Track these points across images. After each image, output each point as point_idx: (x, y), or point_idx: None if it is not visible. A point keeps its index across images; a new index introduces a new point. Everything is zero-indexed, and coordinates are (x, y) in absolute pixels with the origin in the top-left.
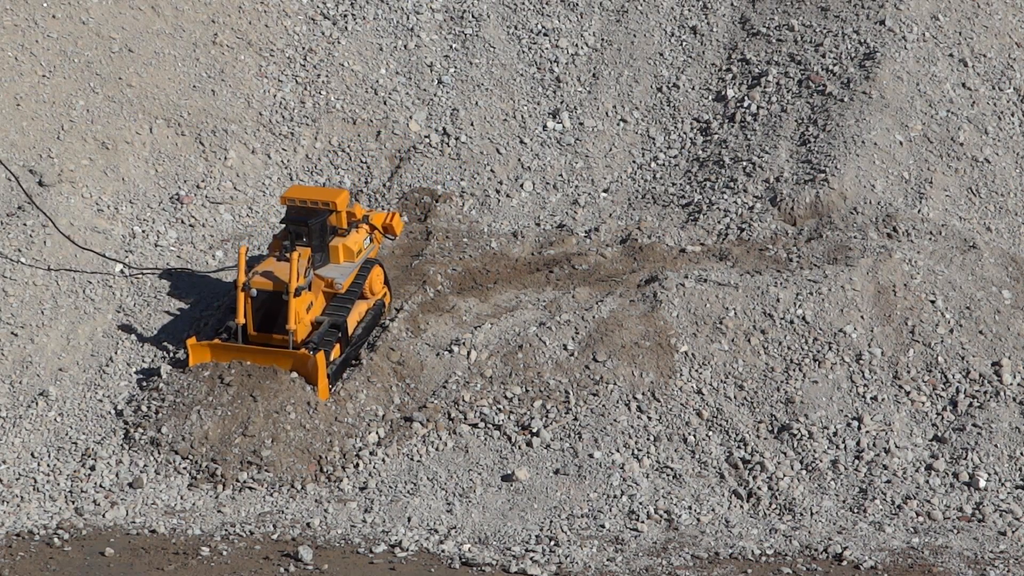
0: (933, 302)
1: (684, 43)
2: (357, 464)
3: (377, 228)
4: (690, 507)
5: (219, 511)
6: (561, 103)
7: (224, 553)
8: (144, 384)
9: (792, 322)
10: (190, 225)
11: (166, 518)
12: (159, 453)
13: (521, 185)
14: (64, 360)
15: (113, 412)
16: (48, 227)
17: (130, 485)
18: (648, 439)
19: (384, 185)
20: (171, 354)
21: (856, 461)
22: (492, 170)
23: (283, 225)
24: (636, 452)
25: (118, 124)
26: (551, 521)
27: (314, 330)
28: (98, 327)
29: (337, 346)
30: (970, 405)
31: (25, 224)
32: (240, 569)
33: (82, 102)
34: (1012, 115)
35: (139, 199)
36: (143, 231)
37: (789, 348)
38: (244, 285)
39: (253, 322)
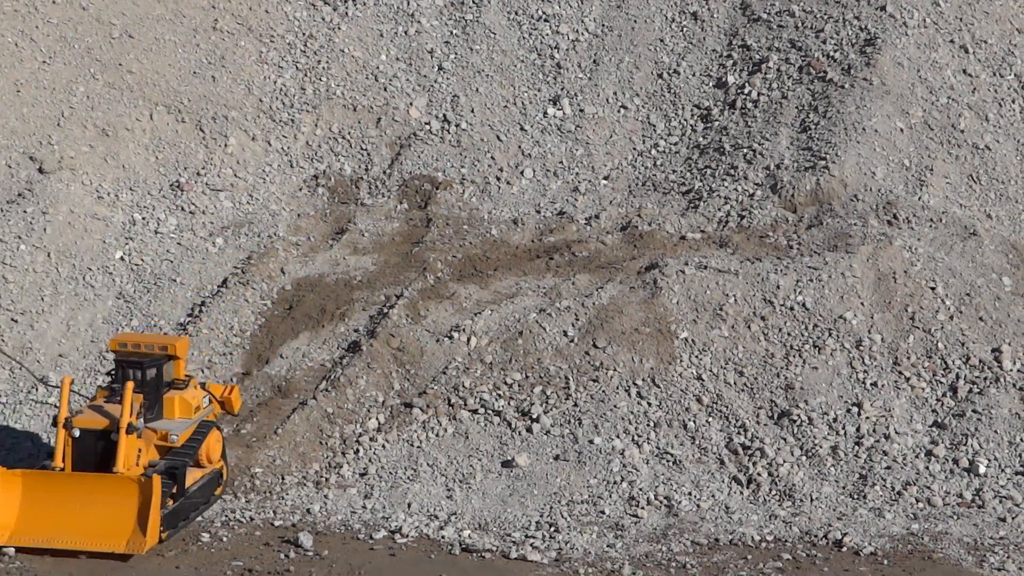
0: (933, 289)
1: (685, 29)
2: (357, 450)
3: (215, 397)
4: (690, 493)
5: (219, 497)
6: (562, 89)
7: (224, 539)
8: None
9: (792, 309)
10: (190, 212)
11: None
12: None
13: (521, 172)
14: (64, 346)
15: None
16: (48, 214)
17: None
18: (648, 425)
19: (384, 172)
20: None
21: (856, 447)
22: (492, 157)
23: (109, 377)
24: (636, 438)
25: (118, 111)
26: (551, 507)
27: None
28: (98, 314)
29: (170, 500)
30: (970, 391)
31: (25, 211)
32: (240, 555)
33: (82, 88)
34: (1013, 102)
35: (139, 186)
36: (143, 218)
37: (789, 334)
38: (65, 422)
39: (77, 469)
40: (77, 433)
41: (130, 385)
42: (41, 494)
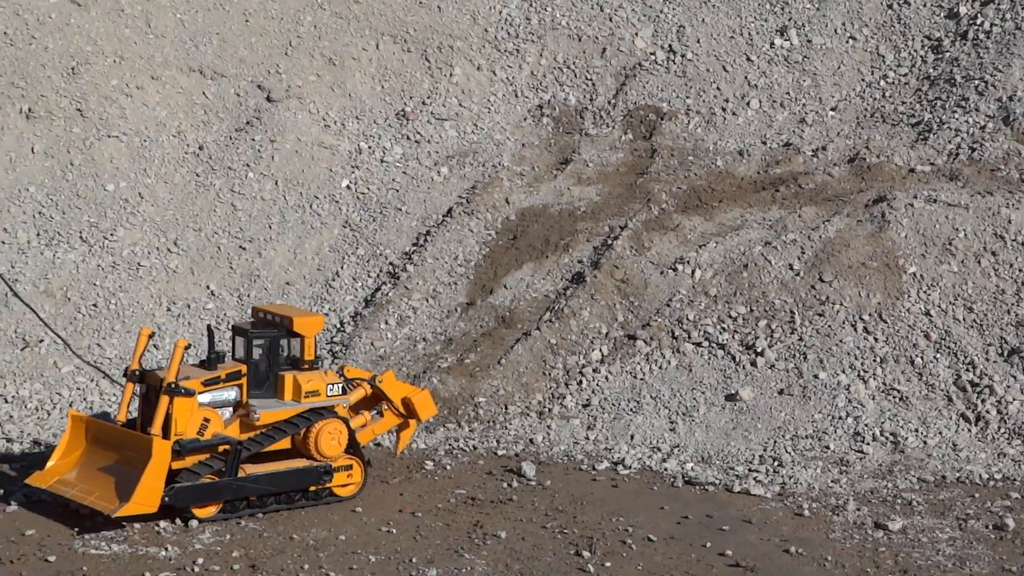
0: None
1: None
2: (580, 381)
3: (391, 401)
4: (916, 430)
5: (443, 426)
6: (789, 20)
7: (448, 467)
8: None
9: None
10: (415, 141)
11: (390, 433)
12: None
13: (747, 103)
14: (291, 274)
15: (339, 325)
16: (276, 142)
17: None
18: (874, 360)
19: (609, 102)
20: (395, 270)
21: None
22: (718, 87)
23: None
24: (862, 373)
25: (345, 40)
26: (775, 441)
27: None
28: (324, 242)
29: (213, 475)
30: None
31: (253, 139)
32: (463, 483)
33: (309, 18)
34: None
35: (365, 115)
36: (369, 147)
37: (1020, 270)
38: (131, 374)
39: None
40: (144, 389)
41: (181, 343)
42: (95, 445)
